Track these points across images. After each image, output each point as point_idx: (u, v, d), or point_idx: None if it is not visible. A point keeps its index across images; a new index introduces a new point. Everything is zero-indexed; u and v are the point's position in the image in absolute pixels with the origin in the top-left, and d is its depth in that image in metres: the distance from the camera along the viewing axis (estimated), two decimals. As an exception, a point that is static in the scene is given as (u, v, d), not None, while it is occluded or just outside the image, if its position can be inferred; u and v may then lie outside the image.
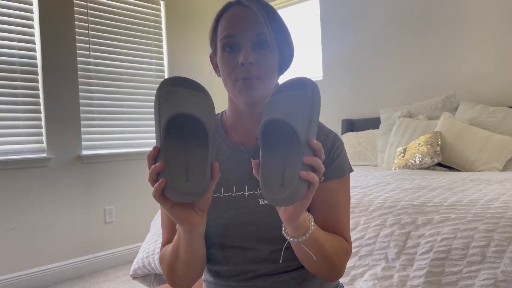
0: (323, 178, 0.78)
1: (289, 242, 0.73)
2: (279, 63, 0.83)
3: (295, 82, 0.70)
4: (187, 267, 0.77)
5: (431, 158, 2.26)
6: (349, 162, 0.86)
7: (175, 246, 0.76)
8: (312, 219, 0.70)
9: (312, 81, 0.69)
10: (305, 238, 0.67)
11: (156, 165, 0.60)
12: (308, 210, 0.80)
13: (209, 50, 0.88)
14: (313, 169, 0.60)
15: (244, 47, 0.78)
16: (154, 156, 0.61)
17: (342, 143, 0.85)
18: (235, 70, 0.79)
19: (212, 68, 0.90)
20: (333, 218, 0.80)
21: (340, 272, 0.78)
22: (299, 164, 0.60)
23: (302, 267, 0.81)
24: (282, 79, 0.90)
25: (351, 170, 0.86)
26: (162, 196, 0.61)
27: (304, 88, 0.68)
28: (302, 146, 0.61)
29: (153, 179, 0.60)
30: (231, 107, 0.88)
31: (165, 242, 0.86)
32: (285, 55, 0.84)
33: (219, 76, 0.86)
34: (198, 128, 0.63)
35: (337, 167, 0.82)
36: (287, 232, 0.69)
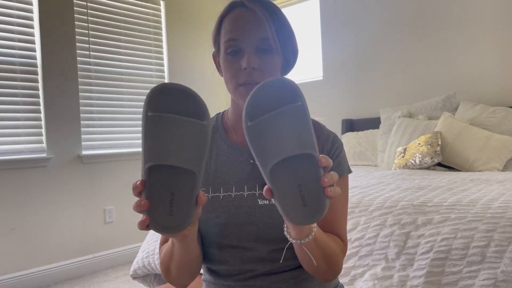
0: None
1: (289, 243, 0.73)
2: (282, 66, 0.83)
3: (277, 88, 0.60)
4: (181, 269, 0.77)
5: (431, 158, 2.26)
6: (348, 164, 0.86)
7: (169, 249, 0.76)
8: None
9: (289, 79, 0.61)
10: (308, 240, 0.66)
11: (141, 202, 0.58)
12: None
13: (212, 49, 0.88)
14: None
15: (247, 51, 0.78)
16: (140, 189, 0.59)
17: (341, 144, 0.86)
18: (237, 74, 0.78)
19: (215, 67, 0.89)
20: (330, 219, 0.80)
21: (337, 271, 0.78)
22: (314, 180, 0.58)
23: (301, 266, 0.81)
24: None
25: (350, 171, 0.86)
26: (147, 227, 0.59)
27: (291, 95, 0.59)
28: (316, 165, 0.58)
29: (138, 212, 0.60)
30: (232, 107, 0.89)
31: (164, 240, 0.86)
32: (289, 58, 0.83)
33: (222, 75, 0.86)
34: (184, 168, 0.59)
35: (335, 167, 0.82)
36: (290, 234, 0.68)
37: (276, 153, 0.58)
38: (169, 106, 0.58)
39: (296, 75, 3.65)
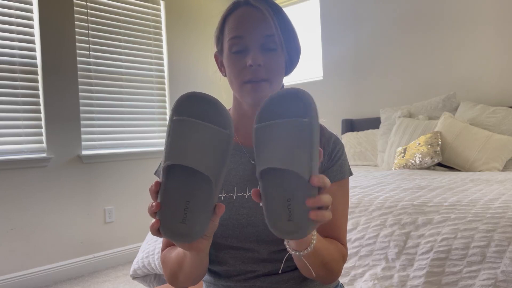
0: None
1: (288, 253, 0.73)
2: (286, 64, 0.82)
3: (291, 98, 0.59)
4: (190, 277, 0.77)
5: (431, 158, 2.26)
6: (349, 166, 0.86)
7: (180, 259, 0.75)
8: (315, 232, 0.68)
9: (308, 94, 0.60)
10: (307, 252, 0.65)
11: (153, 204, 0.57)
12: None
13: (214, 49, 0.87)
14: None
15: (253, 48, 0.77)
16: (156, 191, 0.58)
17: (343, 146, 0.86)
18: (243, 71, 0.78)
19: (217, 67, 0.89)
20: (331, 222, 0.79)
21: (337, 275, 0.78)
22: (303, 199, 0.56)
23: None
24: (286, 80, 0.90)
25: (351, 174, 0.86)
26: (159, 233, 0.58)
27: (302, 109, 0.58)
28: (307, 184, 0.56)
29: (151, 215, 0.59)
30: (234, 106, 0.88)
31: (166, 243, 0.85)
32: (293, 56, 0.83)
33: (224, 75, 0.85)
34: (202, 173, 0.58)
35: (336, 170, 0.82)
36: (289, 245, 0.67)
37: (267, 160, 0.57)
38: (194, 112, 0.60)
39: (296, 75, 3.65)
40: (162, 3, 3.49)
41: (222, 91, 1.01)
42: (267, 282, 0.80)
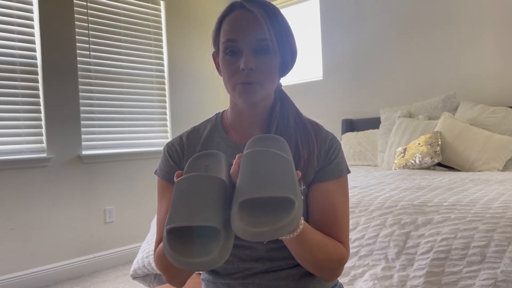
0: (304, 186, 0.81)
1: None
2: (280, 67, 0.83)
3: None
4: None
5: (431, 158, 2.26)
6: (346, 164, 0.87)
7: None
8: (302, 219, 0.70)
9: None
10: (291, 237, 0.68)
11: None
12: (306, 212, 0.81)
13: (212, 49, 0.88)
14: None
15: (245, 52, 0.78)
16: None
17: (339, 144, 0.86)
18: (235, 74, 0.79)
19: (215, 67, 0.90)
20: (330, 221, 0.79)
21: (332, 277, 0.79)
22: None
23: (300, 265, 0.81)
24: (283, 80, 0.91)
25: (349, 172, 0.86)
26: None
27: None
28: None
29: None
30: (231, 106, 0.89)
31: (160, 240, 0.84)
32: (287, 59, 0.84)
33: (221, 75, 0.86)
34: None
35: (334, 168, 0.82)
36: None
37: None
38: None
39: (296, 75, 3.65)
40: (162, 3, 3.49)
41: (220, 90, 1.01)
42: (266, 279, 0.81)
